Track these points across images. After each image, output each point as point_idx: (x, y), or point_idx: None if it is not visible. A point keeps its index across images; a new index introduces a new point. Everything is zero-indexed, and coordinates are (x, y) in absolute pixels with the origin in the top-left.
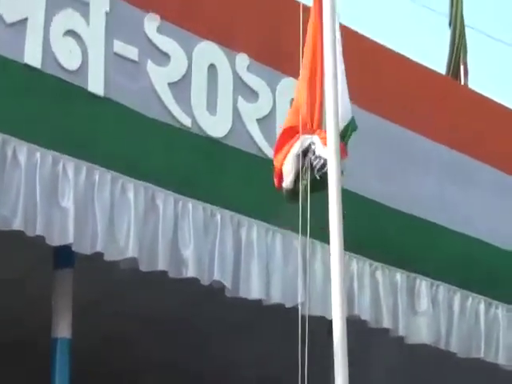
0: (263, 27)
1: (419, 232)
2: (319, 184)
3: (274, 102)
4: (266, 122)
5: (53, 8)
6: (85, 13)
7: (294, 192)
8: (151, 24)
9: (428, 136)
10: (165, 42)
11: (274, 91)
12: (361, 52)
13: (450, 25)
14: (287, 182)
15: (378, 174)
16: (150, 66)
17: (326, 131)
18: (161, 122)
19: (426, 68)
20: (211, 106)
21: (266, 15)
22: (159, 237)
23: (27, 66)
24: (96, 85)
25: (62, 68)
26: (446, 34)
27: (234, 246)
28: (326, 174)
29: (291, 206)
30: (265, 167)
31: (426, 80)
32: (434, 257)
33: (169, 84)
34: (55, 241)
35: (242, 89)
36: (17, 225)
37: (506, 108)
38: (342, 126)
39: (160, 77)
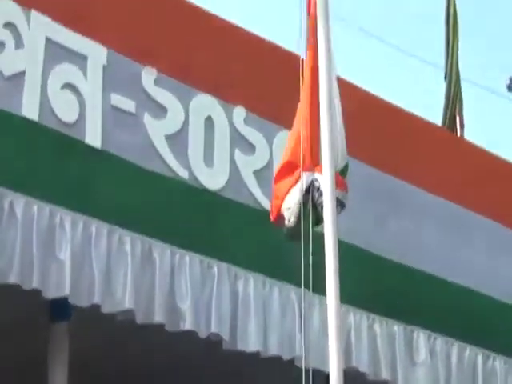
0: (260, 80)
1: (416, 283)
2: (322, 220)
3: (271, 155)
4: (263, 174)
5: (50, 61)
6: (82, 66)
7: (295, 230)
8: (148, 77)
9: (425, 187)
10: (162, 95)
11: (270, 144)
12: (357, 103)
13: (445, 78)
14: (291, 220)
15: (375, 225)
16: (147, 119)
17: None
18: (158, 174)
19: (421, 119)
20: (208, 159)
21: (262, 68)
22: (156, 289)
23: (25, 118)
24: (93, 137)
25: (60, 121)
26: (442, 86)
27: (231, 298)
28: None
29: (288, 259)
30: (262, 219)
31: (422, 131)
32: (432, 308)
33: (166, 136)
34: (51, 293)
35: (239, 141)
36: (13, 278)
37: (502, 160)
38: (342, 164)
39: (157, 129)
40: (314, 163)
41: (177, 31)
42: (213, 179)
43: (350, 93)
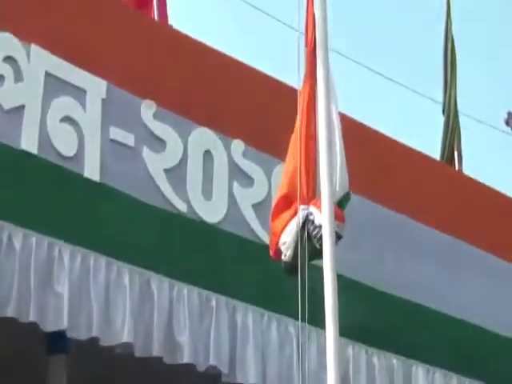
0: (258, 113)
1: (415, 317)
2: (319, 253)
3: (270, 188)
4: (261, 207)
5: (50, 95)
6: (81, 99)
7: (293, 264)
8: (147, 110)
9: (423, 221)
10: (161, 129)
11: (269, 177)
12: (355, 137)
13: (443, 112)
14: (287, 255)
15: (373, 259)
16: (146, 152)
17: (320, 199)
18: (156, 207)
19: (420, 153)
20: (207, 192)
21: (261, 102)
22: (154, 322)
23: (24, 151)
24: (92, 171)
25: (59, 154)
26: (440, 120)
27: (229, 331)
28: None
29: (287, 292)
30: (260, 252)
31: (421, 165)
32: (431, 342)
33: (164, 170)
34: (49, 327)
35: (238, 174)
36: (10, 312)
37: (500, 193)
38: (340, 194)
39: (156, 163)
40: (310, 197)
41: (176, 65)
42: (211, 212)
43: (347, 126)
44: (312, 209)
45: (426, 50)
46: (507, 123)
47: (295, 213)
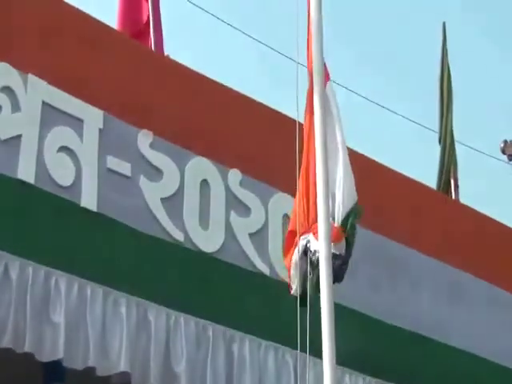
0: (255, 143)
1: (413, 346)
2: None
3: (267, 217)
4: (258, 236)
5: (47, 125)
6: (78, 129)
7: (302, 297)
8: (144, 140)
9: (420, 250)
10: (158, 158)
11: (266, 206)
12: (353, 167)
13: (439, 141)
14: (294, 288)
15: (372, 288)
16: (143, 182)
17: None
18: (153, 237)
19: (417, 182)
20: (204, 221)
21: (257, 131)
22: (151, 351)
23: (20, 181)
24: (89, 200)
25: (56, 184)
26: (437, 149)
27: (226, 360)
28: (335, 266)
29: (284, 321)
30: (257, 282)
31: (418, 194)
32: (429, 372)
33: (161, 199)
34: (45, 357)
35: (235, 204)
36: (6, 342)
37: (497, 222)
38: (343, 213)
39: (153, 192)
40: (310, 224)
41: (173, 95)
42: (208, 242)
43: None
44: (310, 236)
45: (421, 77)
46: (503, 152)
47: (296, 244)
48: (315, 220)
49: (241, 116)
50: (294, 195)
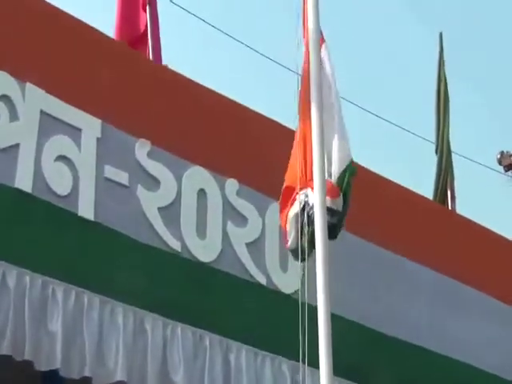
0: (253, 153)
1: (410, 356)
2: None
3: (263, 227)
4: (255, 246)
5: (45, 134)
6: (76, 138)
7: (297, 250)
8: (142, 149)
9: (417, 260)
10: (155, 167)
11: (263, 216)
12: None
13: (436, 151)
14: (289, 242)
15: (369, 298)
16: (140, 191)
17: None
18: (150, 246)
19: (413, 193)
20: (201, 231)
21: (255, 141)
22: (148, 361)
23: (18, 190)
24: (86, 209)
25: (53, 193)
26: (433, 159)
27: (223, 370)
28: (332, 223)
29: (280, 331)
30: (254, 291)
31: (414, 205)
32: (426, 382)
33: (159, 208)
34: (43, 366)
35: (232, 213)
36: (5, 349)
37: (494, 233)
38: (339, 170)
39: (150, 201)
40: (308, 179)
41: (170, 104)
42: (205, 251)
43: None
44: (309, 191)
45: (418, 89)
46: (500, 163)
47: (294, 199)
48: (312, 176)
49: (238, 125)
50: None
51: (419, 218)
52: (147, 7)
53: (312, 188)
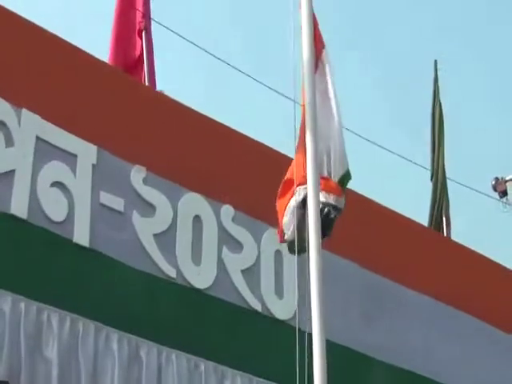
0: (248, 179)
1: (403, 383)
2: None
3: (259, 253)
4: (250, 272)
5: (40, 160)
6: (72, 165)
7: (293, 243)
8: (137, 176)
9: (413, 287)
10: (150, 194)
11: (258, 242)
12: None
13: (431, 178)
14: (288, 233)
15: (364, 325)
16: (136, 217)
17: (324, 177)
18: (146, 272)
19: (409, 220)
20: (196, 257)
21: (250, 168)
22: None
23: (13, 216)
24: (81, 236)
25: (48, 219)
26: (429, 186)
27: None
28: (328, 219)
29: (275, 357)
30: (249, 318)
31: (410, 231)
32: None
33: (154, 235)
34: None
35: (227, 240)
36: (1, 374)
37: (489, 259)
38: (340, 172)
39: (145, 228)
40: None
41: (166, 131)
42: (200, 278)
43: None
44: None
45: (412, 114)
46: (495, 189)
47: (294, 193)
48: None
49: (233, 152)
50: None
51: (415, 244)
52: (143, 33)
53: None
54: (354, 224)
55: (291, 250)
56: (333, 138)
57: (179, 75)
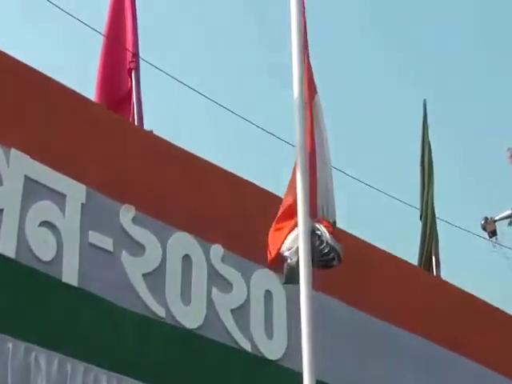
0: (237, 219)
1: None
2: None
3: (249, 293)
4: (240, 312)
5: (29, 199)
6: (61, 204)
7: (294, 271)
8: (126, 215)
9: (404, 327)
10: (140, 233)
11: (248, 282)
12: None
13: (420, 217)
14: (293, 259)
15: (354, 365)
16: (125, 257)
17: (327, 222)
18: (135, 312)
19: (399, 259)
20: (185, 297)
21: (240, 207)
22: None
23: (1, 255)
24: (70, 275)
25: (37, 258)
26: (418, 225)
27: None
28: (327, 262)
29: None
30: (239, 358)
31: (400, 271)
32: None
33: (143, 275)
34: None
35: (217, 279)
36: None
37: (478, 299)
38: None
39: (134, 267)
40: (313, 215)
41: (155, 170)
42: (190, 317)
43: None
44: (317, 224)
45: (403, 155)
46: (484, 229)
47: (296, 224)
48: (316, 214)
49: (223, 191)
50: (276, 272)
51: (405, 284)
52: (132, 72)
53: (324, 225)
54: (344, 264)
55: (290, 278)
56: (327, 184)
57: (167, 114)
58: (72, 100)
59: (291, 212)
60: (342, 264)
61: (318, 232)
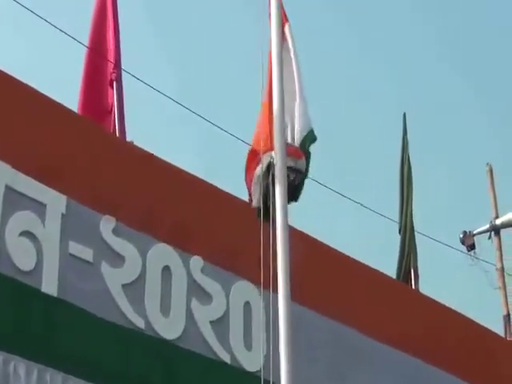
0: (217, 230)
1: None
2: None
3: (228, 305)
4: (219, 324)
5: (9, 208)
6: (41, 214)
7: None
8: (107, 226)
9: (381, 340)
10: (120, 244)
11: (227, 294)
12: (316, 257)
13: (399, 231)
14: (255, 201)
15: (331, 377)
16: (105, 268)
17: (288, 145)
18: (114, 323)
19: (377, 272)
20: (165, 308)
21: (220, 219)
22: None
23: None
24: (50, 286)
25: (17, 268)
26: (397, 239)
27: None
28: (295, 183)
29: None
30: (218, 369)
31: (378, 284)
32: None
33: (123, 285)
34: None
35: (196, 291)
36: None
37: (456, 312)
38: (301, 137)
39: (114, 278)
40: (273, 143)
41: (136, 181)
42: (169, 329)
43: (309, 246)
44: (273, 153)
45: (383, 168)
46: (463, 243)
47: (259, 161)
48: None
49: (203, 203)
50: (257, 283)
51: (383, 296)
52: (114, 84)
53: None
54: (322, 276)
55: (258, 216)
56: (294, 101)
57: (148, 125)
58: (54, 111)
59: (257, 147)
60: (320, 276)
61: (271, 160)
